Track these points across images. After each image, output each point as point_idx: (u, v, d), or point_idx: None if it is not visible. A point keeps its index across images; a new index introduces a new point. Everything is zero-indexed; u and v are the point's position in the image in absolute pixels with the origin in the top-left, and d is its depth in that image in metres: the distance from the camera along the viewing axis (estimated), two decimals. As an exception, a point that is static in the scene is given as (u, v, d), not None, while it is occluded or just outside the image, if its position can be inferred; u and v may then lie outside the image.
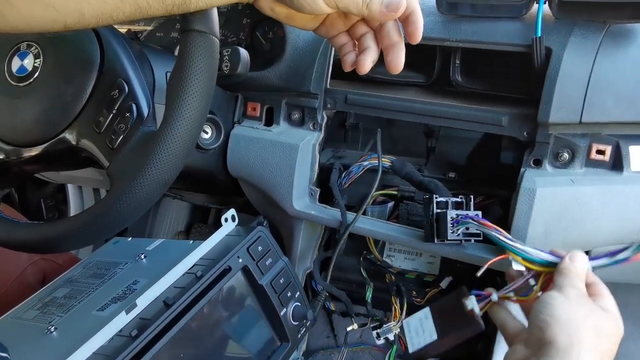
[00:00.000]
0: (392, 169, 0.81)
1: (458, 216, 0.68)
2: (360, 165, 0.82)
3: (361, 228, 0.79)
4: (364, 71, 0.58)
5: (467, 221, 0.67)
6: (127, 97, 0.63)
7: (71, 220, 0.61)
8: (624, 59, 0.67)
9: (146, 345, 0.50)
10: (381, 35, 0.58)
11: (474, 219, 0.66)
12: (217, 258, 0.59)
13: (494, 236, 0.62)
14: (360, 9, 0.52)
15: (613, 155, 0.69)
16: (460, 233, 0.69)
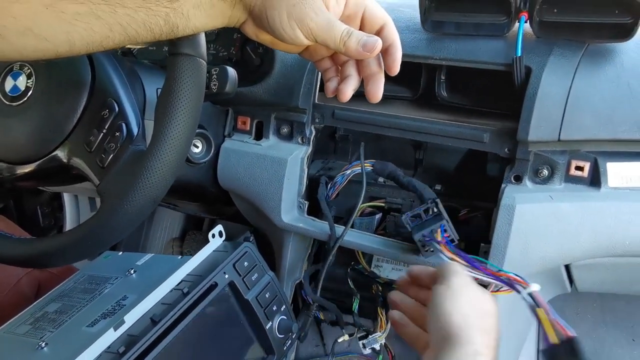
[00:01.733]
0: (374, 171, 0.83)
1: (425, 237, 0.70)
2: (343, 174, 0.84)
3: (349, 242, 0.81)
4: (345, 99, 0.60)
5: (432, 244, 0.69)
6: (117, 116, 0.64)
7: (62, 237, 0.62)
8: (602, 77, 0.69)
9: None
10: (362, 65, 0.60)
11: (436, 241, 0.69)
12: (204, 274, 0.60)
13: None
14: (338, 45, 0.53)
15: (591, 172, 0.71)
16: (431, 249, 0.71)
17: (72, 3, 0.48)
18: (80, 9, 0.49)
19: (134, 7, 0.50)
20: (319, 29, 0.52)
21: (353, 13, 0.56)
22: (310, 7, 0.51)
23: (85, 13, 0.49)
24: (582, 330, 1.18)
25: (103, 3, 0.49)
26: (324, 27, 0.52)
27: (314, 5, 0.52)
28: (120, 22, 0.51)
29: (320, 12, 0.52)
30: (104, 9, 0.49)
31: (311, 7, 0.51)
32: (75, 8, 0.49)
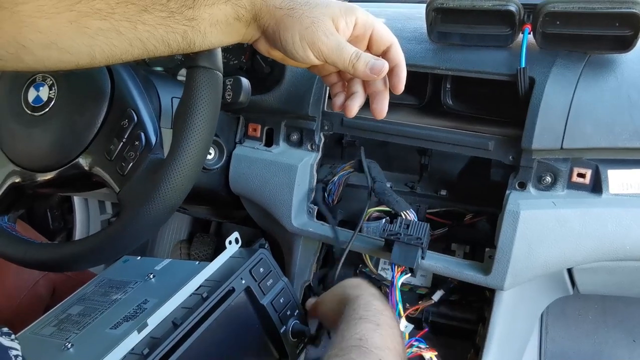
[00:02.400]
0: (355, 169, 0.86)
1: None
2: (333, 182, 0.87)
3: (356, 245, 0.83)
4: (351, 115, 0.63)
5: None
6: (136, 126, 0.67)
7: (83, 242, 0.65)
8: (603, 87, 0.71)
9: (157, 363, 0.54)
10: (368, 83, 0.62)
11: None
12: (222, 279, 0.63)
13: None
14: (347, 67, 0.56)
15: (593, 179, 0.73)
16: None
17: (96, 19, 0.51)
18: (103, 25, 0.51)
19: (154, 24, 0.53)
20: (329, 51, 0.55)
21: (361, 34, 0.58)
22: (321, 30, 0.54)
23: (108, 29, 0.52)
24: (583, 331, 1.20)
25: (125, 20, 0.52)
26: (334, 49, 0.55)
27: (325, 28, 0.54)
28: (140, 37, 0.53)
29: (331, 34, 0.55)
30: (125, 25, 0.52)
31: (322, 30, 0.54)
32: (98, 24, 0.51)
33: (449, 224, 0.87)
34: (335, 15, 0.55)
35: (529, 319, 0.90)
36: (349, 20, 0.56)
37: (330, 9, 0.55)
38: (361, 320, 0.56)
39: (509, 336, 0.82)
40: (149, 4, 0.51)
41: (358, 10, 0.57)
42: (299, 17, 0.54)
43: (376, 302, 0.60)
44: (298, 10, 0.54)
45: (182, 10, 0.52)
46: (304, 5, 0.54)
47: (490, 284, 0.74)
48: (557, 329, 1.21)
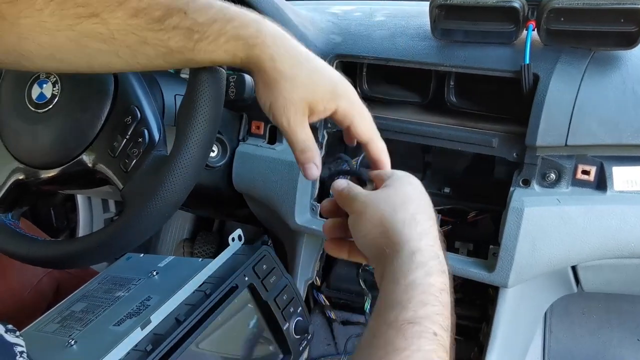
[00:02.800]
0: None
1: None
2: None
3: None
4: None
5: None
6: (139, 123, 0.67)
7: (87, 239, 0.65)
8: (608, 84, 0.71)
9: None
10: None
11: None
12: (225, 276, 0.63)
13: None
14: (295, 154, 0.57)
15: (597, 176, 0.73)
16: None
17: (96, 41, 0.51)
18: (103, 47, 0.52)
19: (153, 56, 0.53)
20: (286, 132, 0.55)
21: (340, 120, 0.56)
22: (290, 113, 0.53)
23: (108, 51, 0.52)
24: (587, 330, 1.20)
25: (125, 47, 0.52)
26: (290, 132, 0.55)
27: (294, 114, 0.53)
28: (140, 62, 0.54)
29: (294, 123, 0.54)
30: (125, 51, 0.52)
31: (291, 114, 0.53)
32: (98, 46, 0.52)
33: (453, 222, 0.87)
34: (315, 101, 0.54)
35: (532, 317, 0.90)
36: (328, 107, 0.54)
37: (313, 95, 0.53)
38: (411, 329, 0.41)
39: (513, 334, 0.81)
40: (149, 37, 0.51)
41: (343, 100, 0.55)
42: (276, 93, 0.53)
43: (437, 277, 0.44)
44: (278, 87, 0.53)
45: (182, 50, 0.52)
46: (287, 82, 0.53)
47: (494, 282, 0.73)
48: (560, 328, 1.20)
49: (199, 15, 0.51)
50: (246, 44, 0.52)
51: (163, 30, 0.51)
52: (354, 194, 0.53)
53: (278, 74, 0.53)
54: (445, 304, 0.44)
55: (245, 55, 0.52)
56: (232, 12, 0.52)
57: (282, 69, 0.53)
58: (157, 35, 0.51)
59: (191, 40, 0.51)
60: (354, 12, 0.96)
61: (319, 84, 0.54)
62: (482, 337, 0.83)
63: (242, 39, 0.51)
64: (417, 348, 0.40)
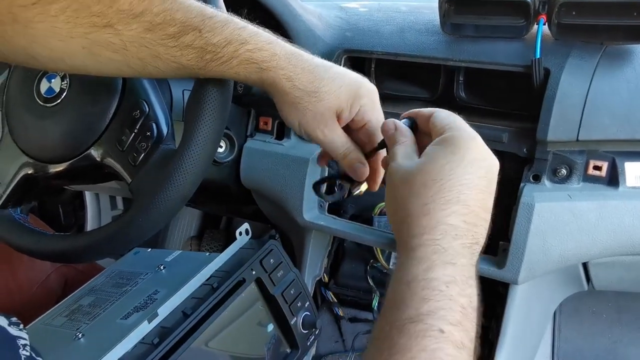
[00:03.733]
0: None
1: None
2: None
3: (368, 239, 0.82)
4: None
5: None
6: (147, 117, 0.66)
7: (96, 233, 0.65)
8: (620, 78, 0.70)
9: (167, 353, 0.54)
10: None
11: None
12: (232, 270, 0.63)
13: None
14: (337, 159, 0.58)
15: (609, 171, 0.72)
16: None
17: (108, 50, 0.51)
18: (115, 57, 0.52)
19: (164, 69, 0.53)
20: (324, 143, 0.57)
21: (358, 120, 0.58)
22: (321, 125, 0.55)
23: (119, 61, 0.52)
24: (598, 329, 1.19)
25: (136, 58, 0.52)
26: (327, 143, 0.57)
27: (325, 124, 0.55)
28: (151, 73, 0.54)
29: (328, 131, 0.56)
30: (136, 62, 0.52)
31: (322, 125, 0.55)
32: (110, 55, 0.52)
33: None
34: (340, 107, 0.55)
35: (542, 315, 0.89)
36: (353, 110, 0.56)
37: (338, 101, 0.55)
38: (413, 328, 0.39)
39: (523, 332, 0.80)
40: (161, 52, 0.51)
41: (364, 98, 0.56)
42: (302, 109, 0.54)
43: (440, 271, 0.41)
44: (303, 103, 0.54)
45: (193, 68, 0.53)
46: (310, 96, 0.54)
47: (505, 278, 0.73)
48: (570, 327, 1.19)
49: (213, 35, 0.51)
50: (259, 67, 0.52)
51: (176, 47, 0.51)
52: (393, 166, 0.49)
53: (299, 91, 0.54)
54: (453, 297, 0.40)
55: (259, 78, 0.53)
56: (247, 34, 0.52)
57: (302, 87, 0.53)
58: (170, 52, 0.51)
59: (203, 60, 0.51)
60: (363, 7, 0.95)
61: (342, 90, 0.55)
62: (491, 335, 0.82)
63: (255, 63, 0.52)
64: (422, 348, 0.38)
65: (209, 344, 0.59)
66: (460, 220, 0.44)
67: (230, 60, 0.51)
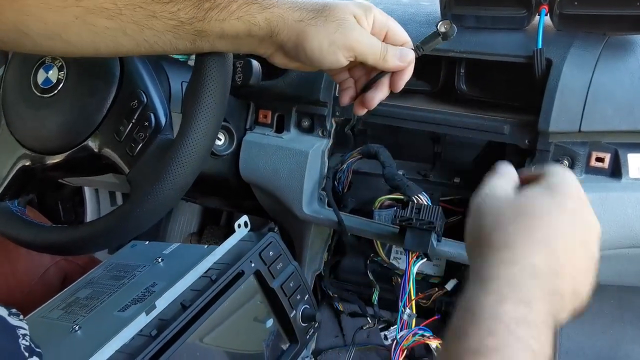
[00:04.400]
0: (362, 155, 0.85)
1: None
2: (342, 170, 0.86)
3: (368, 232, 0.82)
4: (372, 106, 0.64)
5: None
6: (145, 107, 0.66)
7: (94, 225, 0.64)
8: (623, 69, 0.69)
9: (165, 345, 0.54)
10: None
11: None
12: (231, 262, 0.62)
13: None
14: (377, 60, 0.57)
15: (612, 163, 0.71)
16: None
17: (102, 17, 0.50)
18: (110, 24, 0.51)
19: (162, 30, 0.52)
20: (362, 47, 0.55)
21: (377, 32, 0.58)
22: (351, 29, 0.54)
23: (114, 28, 0.51)
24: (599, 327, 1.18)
25: (132, 22, 0.51)
26: (367, 45, 0.55)
27: (354, 26, 0.54)
28: (148, 39, 0.53)
29: (361, 31, 0.55)
30: (132, 27, 0.51)
31: (352, 29, 0.54)
32: (104, 22, 0.51)
33: (463, 212, 0.85)
34: (356, 13, 0.55)
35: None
36: (369, 19, 0.56)
37: (350, 8, 0.55)
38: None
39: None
40: (157, 11, 0.50)
41: (375, 9, 0.57)
42: (322, 24, 0.53)
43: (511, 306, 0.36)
44: (320, 18, 0.53)
45: (193, 22, 0.51)
46: (323, 11, 0.53)
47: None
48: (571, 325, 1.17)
49: None
50: (261, 6, 0.51)
51: (172, 2, 0.50)
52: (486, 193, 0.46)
53: (311, 13, 0.53)
54: (522, 338, 0.34)
55: (264, 19, 0.51)
56: None
57: (312, 9, 0.53)
58: (166, 8, 0.50)
59: (202, 10, 0.50)
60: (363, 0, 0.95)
61: (347, 3, 0.55)
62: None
63: (257, 2, 0.51)
64: None
65: (208, 340, 0.59)
66: (543, 263, 0.39)
67: (229, 4, 0.50)
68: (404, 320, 0.74)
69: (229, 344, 0.63)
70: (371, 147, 0.83)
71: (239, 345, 0.64)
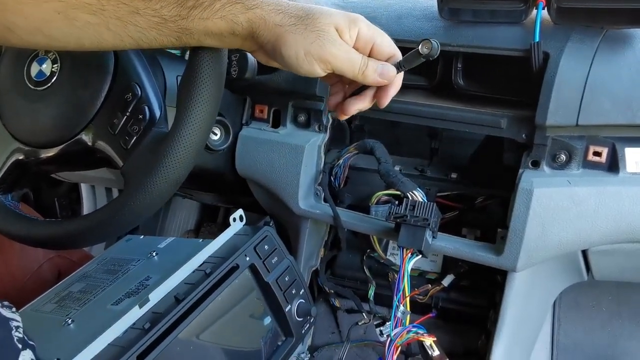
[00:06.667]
0: (359, 150, 0.84)
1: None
2: (339, 165, 0.86)
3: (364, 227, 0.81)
4: (346, 116, 0.63)
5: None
6: (140, 99, 0.66)
7: (87, 218, 0.64)
8: (621, 63, 0.69)
9: (158, 338, 0.53)
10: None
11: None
12: (226, 256, 0.61)
13: None
14: (356, 75, 0.55)
15: (609, 157, 0.71)
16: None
17: (85, 12, 0.50)
18: (92, 20, 0.50)
19: (146, 27, 0.51)
20: (339, 62, 0.54)
21: (362, 46, 0.56)
22: (329, 42, 0.52)
23: (97, 23, 0.51)
24: (597, 322, 1.17)
25: (115, 18, 0.50)
26: (344, 60, 0.54)
27: (333, 39, 0.53)
28: (132, 35, 0.52)
29: (340, 45, 0.53)
30: (115, 22, 0.51)
31: (330, 41, 0.52)
32: (87, 17, 0.50)
33: (460, 208, 0.85)
34: (339, 25, 0.53)
35: (541, 305, 0.88)
36: (352, 32, 0.54)
37: (333, 19, 0.53)
38: None
39: (521, 322, 0.79)
40: (140, 7, 0.50)
41: (361, 21, 0.55)
42: (302, 32, 0.52)
43: None
44: (300, 26, 0.52)
45: (176, 19, 0.51)
46: (305, 19, 0.52)
47: (503, 265, 0.72)
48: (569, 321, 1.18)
49: None
50: (244, 6, 0.50)
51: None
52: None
53: (292, 18, 0.52)
54: None
55: (247, 19, 0.51)
56: None
57: (294, 14, 0.52)
58: (149, 5, 0.50)
59: (185, 8, 0.50)
60: (360, -6, 0.94)
61: (333, 12, 0.54)
62: (489, 324, 0.81)
63: (240, 2, 0.50)
64: None
65: (204, 337, 0.58)
66: None
67: (213, 3, 0.50)
68: (398, 317, 0.74)
69: (226, 341, 0.63)
70: (367, 143, 0.83)
71: (237, 342, 0.64)
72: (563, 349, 1.15)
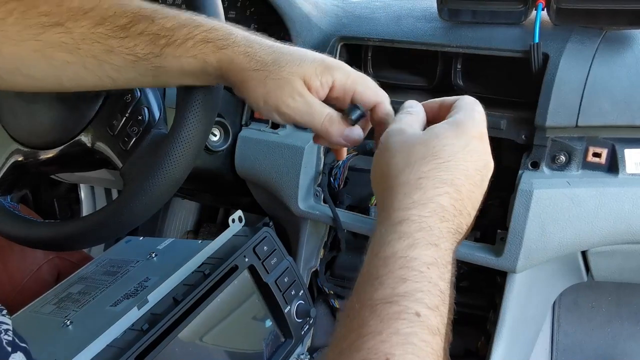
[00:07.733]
0: (357, 151, 0.85)
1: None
2: (338, 166, 0.86)
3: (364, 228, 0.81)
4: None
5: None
6: (139, 101, 0.65)
7: (87, 219, 0.64)
8: (620, 64, 0.69)
9: (157, 339, 0.53)
10: None
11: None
12: (225, 257, 0.61)
13: None
14: (319, 130, 0.51)
15: (609, 158, 0.70)
16: None
17: (61, 51, 0.50)
18: (69, 59, 0.50)
19: (122, 65, 0.51)
20: (297, 115, 0.50)
21: (341, 96, 0.51)
22: (287, 93, 0.49)
23: (74, 62, 0.51)
24: (597, 323, 1.17)
25: (90, 57, 0.50)
26: (303, 112, 0.50)
27: (292, 90, 0.49)
28: (110, 75, 0.52)
29: (299, 96, 0.49)
30: (92, 61, 0.51)
31: (288, 93, 0.49)
32: (64, 57, 0.50)
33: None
34: (306, 75, 0.49)
35: (541, 306, 0.88)
36: (324, 81, 0.50)
37: (302, 68, 0.49)
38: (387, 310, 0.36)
39: (521, 323, 0.79)
40: (115, 45, 0.50)
41: (337, 71, 0.50)
42: (263, 79, 0.49)
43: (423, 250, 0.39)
44: (263, 72, 0.49)
45: (149, 57, 0.50)
46: (270, 66, 0.49)
47: (502, 266, 0.72)
48: (569, 321, 1.18)
49: (166, 21, 0.49)
50: (215, 46, 0.49)
51: (129, 37, 0.49)
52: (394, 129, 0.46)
53: (258, 63, 0.49)
54: (433, 280, 0.38)
55: (217, 60, 0.50)
56: (202, 19, 0.50)
57: (260, 58, 0.49)
58: (123, 43, 0.50)
59: (157, 46, 0.49)
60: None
61: (306, 59, 0.50)
62: (489, 325, 0.81)
63: (212, 42, 0.49)
64: (394, 331, 0.35)
65: (204, 338, 0.58)
66: (450, 204, 0.41)
67: (185, 42, 0.49)
68: None
69: (226, 342, 0.63)
70: (367, 144, 0.83)
71: (239, 344, 0.64)
72: (563, 350, 1.15)
